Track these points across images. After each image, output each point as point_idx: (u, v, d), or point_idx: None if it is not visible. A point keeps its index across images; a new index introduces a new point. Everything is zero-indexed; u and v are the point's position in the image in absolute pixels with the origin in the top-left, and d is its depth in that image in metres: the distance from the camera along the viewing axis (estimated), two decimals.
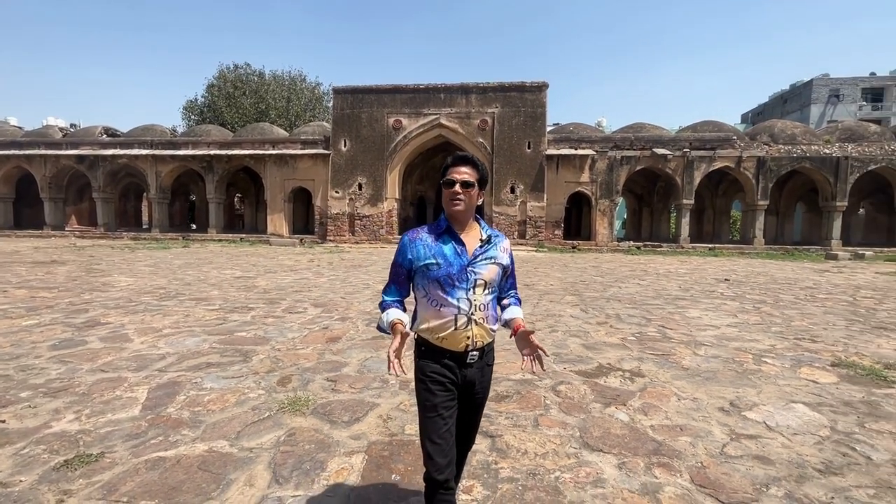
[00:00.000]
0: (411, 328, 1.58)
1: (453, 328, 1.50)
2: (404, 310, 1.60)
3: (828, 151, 19.79)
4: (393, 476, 2.14)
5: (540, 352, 1.54)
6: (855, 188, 19.91)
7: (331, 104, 23.61)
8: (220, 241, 20.72)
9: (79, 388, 3.13)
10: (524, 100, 21.22)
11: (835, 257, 17.25)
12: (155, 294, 7.03)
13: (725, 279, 10.20)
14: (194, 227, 27.79)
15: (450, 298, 1.49)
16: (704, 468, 2.27)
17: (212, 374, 3.49)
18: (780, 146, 20.41)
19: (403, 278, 1.60)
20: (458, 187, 1.51)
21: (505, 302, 1.71)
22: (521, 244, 21.03)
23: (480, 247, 1.56)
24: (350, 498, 1.98)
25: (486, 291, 1.54)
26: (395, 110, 21.85)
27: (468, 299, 1.50)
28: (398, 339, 1.46)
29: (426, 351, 1.56)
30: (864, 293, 8.34)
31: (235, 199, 30.67)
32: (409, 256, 1.56)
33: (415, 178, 27.35)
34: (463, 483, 2.10)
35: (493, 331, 1.59)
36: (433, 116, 21.62)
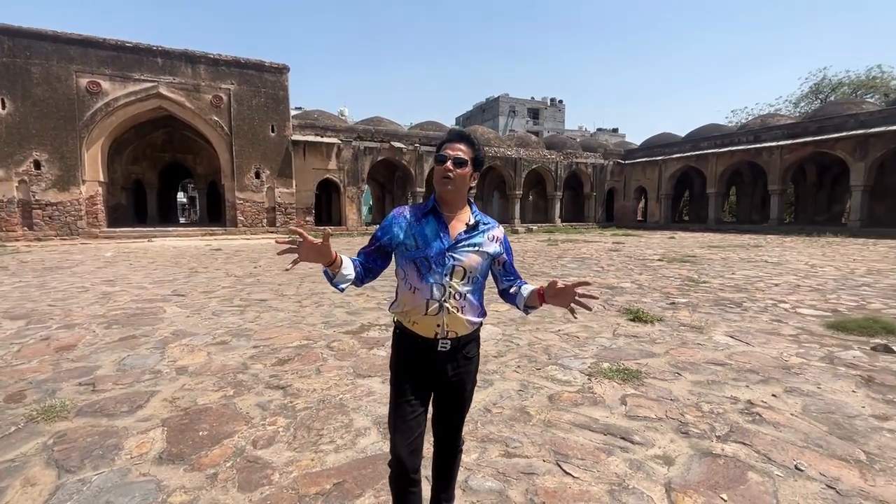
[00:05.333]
0: (389, 309, 1.58)
1: (424, 313, 1.44)
2: (361, 275, 1.48)
3: (510, 154, 26.64)
4: (200, 433, 2.41)
5: (582, 287, 1.45)
6: (526, 181, 27.58)
7: None
8: None
9: None
10: (264, 80, 20.27)
11: (517, 231, 23.68)
12: None
13: None
14: None
15: (423, 283, 1.43)
16: None
17: None
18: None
19: (373, 249, 1.52)
20: (449, 164, 1.43)
21: (513, 289, 1.61)
22: (272, 232, 20.39)
23: (465, 232, 1.47)
24: (162, 457, 2.17)
25: (465, 280, 1.46)
26: (88, 68, 17.34)
27: (442, 285, 1.43)
28: (318, 240, 1.37)
29: (400, 335, 1.52)
30: (539, 253, 12.18)
31: None
32: (388, 233, 1.49)
33: (127, 157, 22.54)
34: (268, 418, 2.58)
35: (473, 323, 1.49)
36: (149, 84, 18.25)
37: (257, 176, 20.31)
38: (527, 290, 1.57)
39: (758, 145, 22.98)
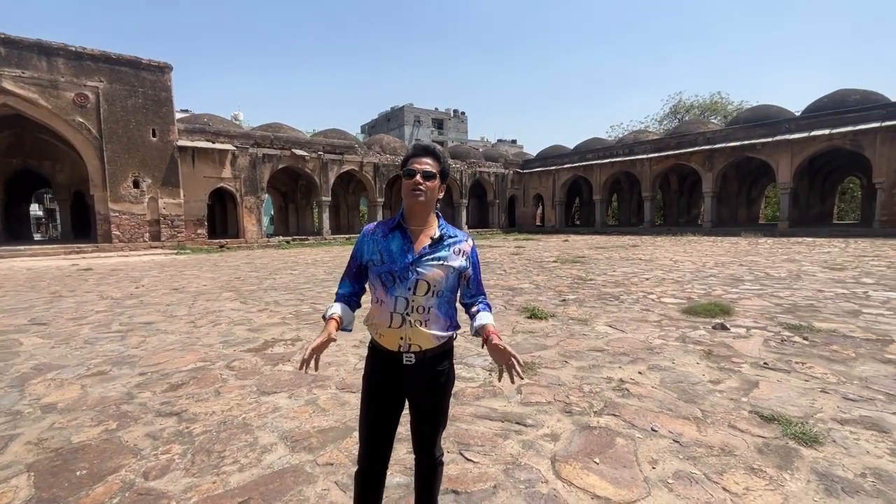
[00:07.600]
0: (364, 322, 1.60)
1: (388, 326, 1.47)
2: (356, 305, 1.61)
3: None
4: (78, 472, 2.18)
5: (513, 360, 1.46)
6: None
7: None
8: None
9: None
10: (142, 79, 18.28)
11: None
12: None
13: None
14: None
15: (388, 296, 1.47)
16: (344, 379, 3.45)
17: None
18: (389, 155, 26.34)
19: (354, 272, 1.60)
20: (419, 177, 1.46)
21: (474, 309, 1.64)
22: (156, 247, 18.37)
23: (430, 245, 1.50)
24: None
25: (430, 294, 1.48)
26: None
27: (405, 299, 1.45)
28: (323, 336, 1.45)
29: (372, 348, 1.57)
30: None
31: None
32: (359, 253, 1.57)
33: None
34: (160, 447, 2.41)
35: (439, 337, 1.50)
36: None
37: (136, 185, 18.18)
38: (479, 321, 1.59)
39: (632, 157, 26.19)
